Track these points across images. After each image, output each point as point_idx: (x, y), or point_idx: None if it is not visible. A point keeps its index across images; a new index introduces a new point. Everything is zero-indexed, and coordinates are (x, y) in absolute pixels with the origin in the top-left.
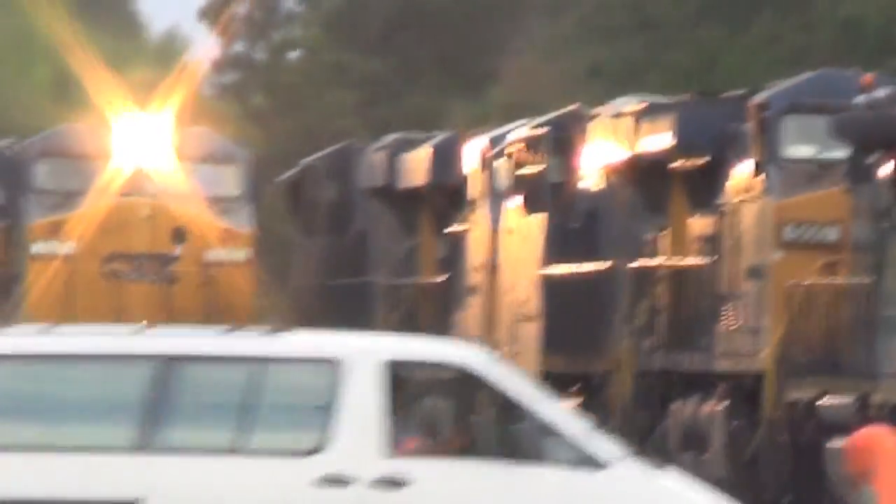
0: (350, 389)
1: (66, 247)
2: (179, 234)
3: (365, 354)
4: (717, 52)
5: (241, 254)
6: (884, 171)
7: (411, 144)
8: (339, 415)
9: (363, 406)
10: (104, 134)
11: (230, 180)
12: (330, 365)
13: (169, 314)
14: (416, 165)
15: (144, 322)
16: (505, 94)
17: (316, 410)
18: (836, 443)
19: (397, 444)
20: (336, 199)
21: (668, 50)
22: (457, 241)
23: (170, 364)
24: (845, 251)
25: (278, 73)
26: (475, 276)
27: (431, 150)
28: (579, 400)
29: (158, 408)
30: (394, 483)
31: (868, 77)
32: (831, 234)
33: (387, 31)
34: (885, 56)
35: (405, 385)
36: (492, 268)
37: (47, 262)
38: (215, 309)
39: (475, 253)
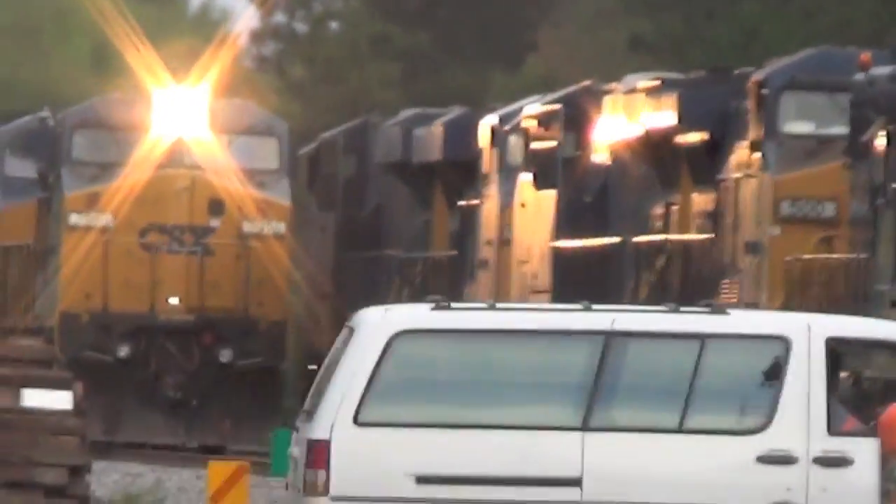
0: (795, 367)
1: (103, 218)
2: (217, 206)
3: (810, 332)
4: (757, 25)
5: (278, 226)
6: (879, 147)
7: (427, 119)
8: (785, 392)
9: (808, 384)
10: (142, 105)
11: (269, 153)
12: (780, 342)
13: (204, 286)
14: (431, 140)
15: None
16: (545, 67)
17: (761, 388)
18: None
19: (837, 423)
20: (353, 173)
21: (708, 23)
22: (469, 216)
23: (613, 341)
24: (842, 227)
25: (318, 44)
26: (487, 250)
27: (445, 125)
28: None
29: (601, 385)
30: (837, 462)
31: (866, 55)
32: (828, 210)
33: (427, 3)
34: None
35: (843, 362)
36: (503, 242)
37: (84, 233)
38: (251, 281)
39: (487, 227)
